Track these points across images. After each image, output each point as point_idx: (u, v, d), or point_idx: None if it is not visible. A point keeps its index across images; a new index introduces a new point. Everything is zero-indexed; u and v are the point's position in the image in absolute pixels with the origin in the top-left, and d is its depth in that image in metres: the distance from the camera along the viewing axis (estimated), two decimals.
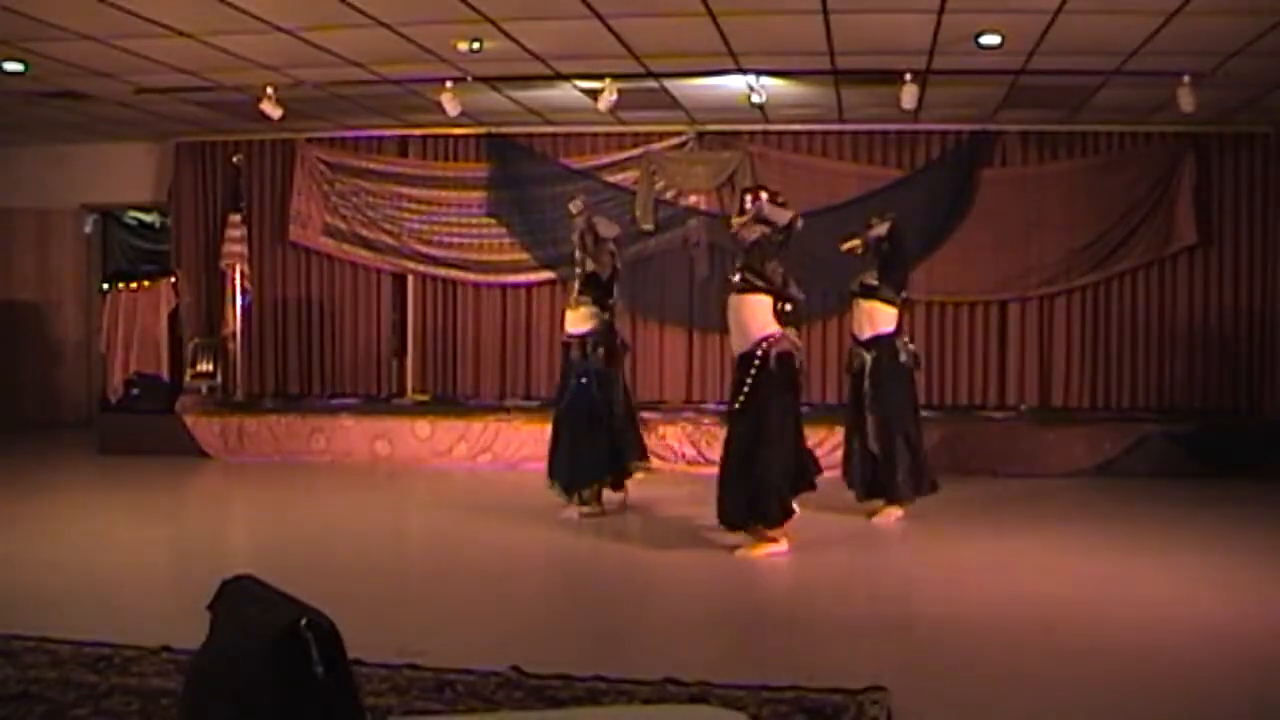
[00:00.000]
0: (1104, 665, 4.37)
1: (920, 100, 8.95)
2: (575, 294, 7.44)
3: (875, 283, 7.28)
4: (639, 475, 7.57)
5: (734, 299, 6.38)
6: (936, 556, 6.53)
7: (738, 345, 6.37)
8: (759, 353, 6.21)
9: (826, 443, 8.61)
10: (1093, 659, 4.44)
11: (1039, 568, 6.19)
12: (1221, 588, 5.72)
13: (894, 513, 7.30)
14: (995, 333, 10.78)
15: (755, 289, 6.29)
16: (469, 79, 8.93)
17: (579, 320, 7.34)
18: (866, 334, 7.31)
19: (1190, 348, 10.52)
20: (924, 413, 10.25)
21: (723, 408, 10.58)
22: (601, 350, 7.29)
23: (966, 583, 5.86)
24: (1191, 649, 4.64)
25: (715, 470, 9.16)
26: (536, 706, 3.74)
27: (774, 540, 6.31)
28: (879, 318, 7.28)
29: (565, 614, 5.38)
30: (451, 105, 9.25)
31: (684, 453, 9.63)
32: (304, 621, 1.80)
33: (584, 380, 7.25)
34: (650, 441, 9.59)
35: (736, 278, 6.36)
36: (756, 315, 6.29)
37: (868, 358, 7.25)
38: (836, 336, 10.49)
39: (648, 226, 10.82)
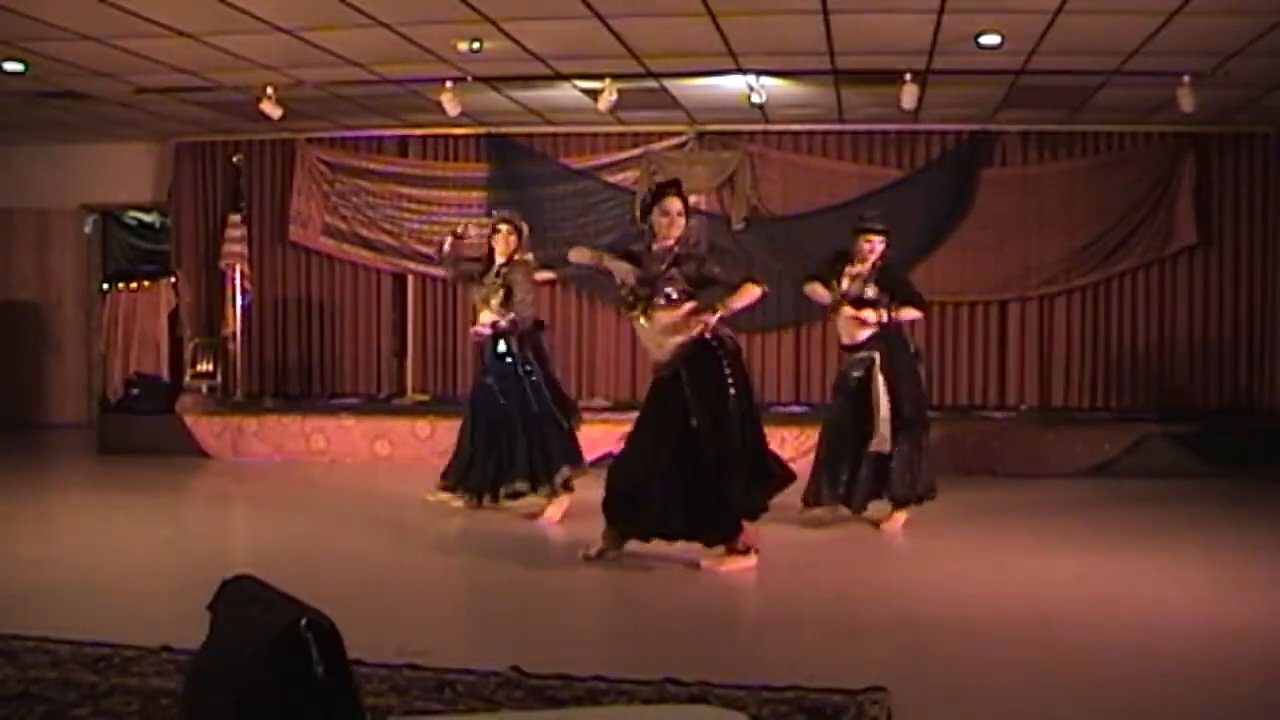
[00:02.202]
0: (1104, 665, 4.37)
1: (920, 100, 8.95)
2: (494, 290, 7.19)
3: (874, 297, 6.96)
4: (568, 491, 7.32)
5: (669, 314, 5.74)
6: (936, 556, 6.52)
7: (671, 349, 5.76)
8: (707, 336, 5.70)
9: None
10: (1092, 659, 4.44)
11: (1039, 567, 6.19)
12: (1222, 587, 5.72)
13: (900, 518, 7.11)
14: (995, 333, 10.79)
15: (692, 298, 5.78)
16: (469, 79, 8.93)
17: (489, 316, 7.21)
18: (862, 336, 7.01)
19: (1190, 348, 10.52)
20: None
21: None
22: (529, 346, 7.24)
23: (966, 582, 5.85)
24: (1192, 649, 4.63)
25: None
26: (536, 706, 3.74)
27: (747, 551, 5.96)
28: (872, 318, 6.99)
29: (565, 614, 5.38)
30: (451, 105, 9.26)
31: None
32: (304, 621, 1.81)
33: (513, 381, 7.17)
34: None
35: (674, 292, 5.73)
36: (685, 319, 5.78)
37: (875, 357, 6.93)
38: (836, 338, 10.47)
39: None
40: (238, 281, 11.32)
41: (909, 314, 7.14)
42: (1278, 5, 6.71)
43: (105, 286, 12.64)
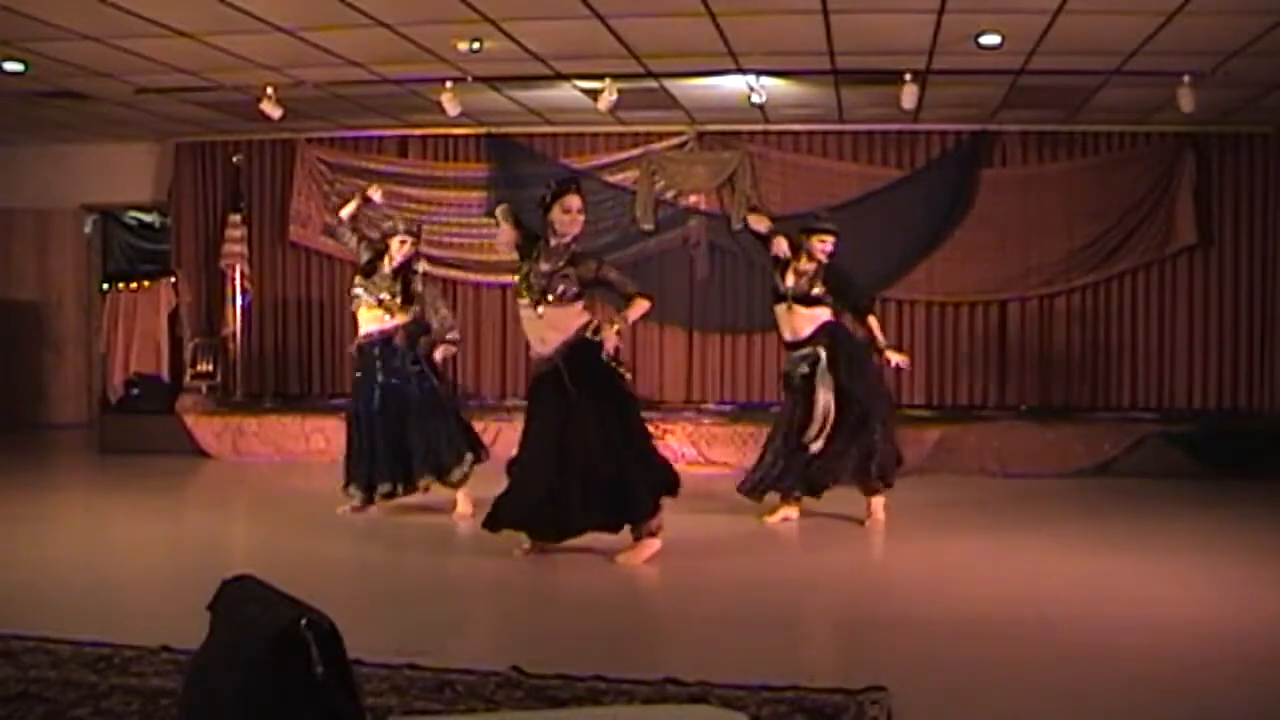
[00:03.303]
0: (1104, 665, 4.37)
1: (920, 100, 8.95)
2: (390, 292, 7.31)
3: (820, 293, 6.98)
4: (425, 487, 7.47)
5: (560, 309, 5.87)
6: (936, 556, 6.52)
7: (554, 344, 5.89)
8: (589, 335, 5.85)
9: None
10: (1093, 659, 4.44)
11: (1039, 568, 6.19)
12: (1221, 587, 5.72)
13: (879, 505, 7.15)
14: (995, 333, 10.78)
15: (580, 298, 5.95)
16: (469, 79, 8.93)
17: (385, 317, 7.32)
18: (807, 331, 7.00)
19: (1190, 348, 10.52)
20: (924, 413, 10.35)
21: (725, 407, 10.68)
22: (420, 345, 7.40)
23: (966, 582, 5.85)
24: (1191, 649, 4.64)
25: (714, 470, 9.29)
26: (536, 706, 3.74)
27: (654, 535, 6.08)
28: (819, 314, 7.02)
29: (565, 614, 5.38)
30: (451, 105, 9.26)
31: (684, 453, 9.62)
32: (304, 621, 1.81)
33: (408, 378, 7.28)
34: None
35: (567, 291, 5.84)
36: (578, 310, 5.95)
37: (820, 352, 6.93)
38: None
39: (648, 226, 10.83)
40: (238, 281, 11.33)
41: (875, 324, 7.24)
42: (1278, 5, 6.71)
43: (105, 286, 12.63)
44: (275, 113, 9.43)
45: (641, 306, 6.03)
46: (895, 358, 7.24)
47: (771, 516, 7.22)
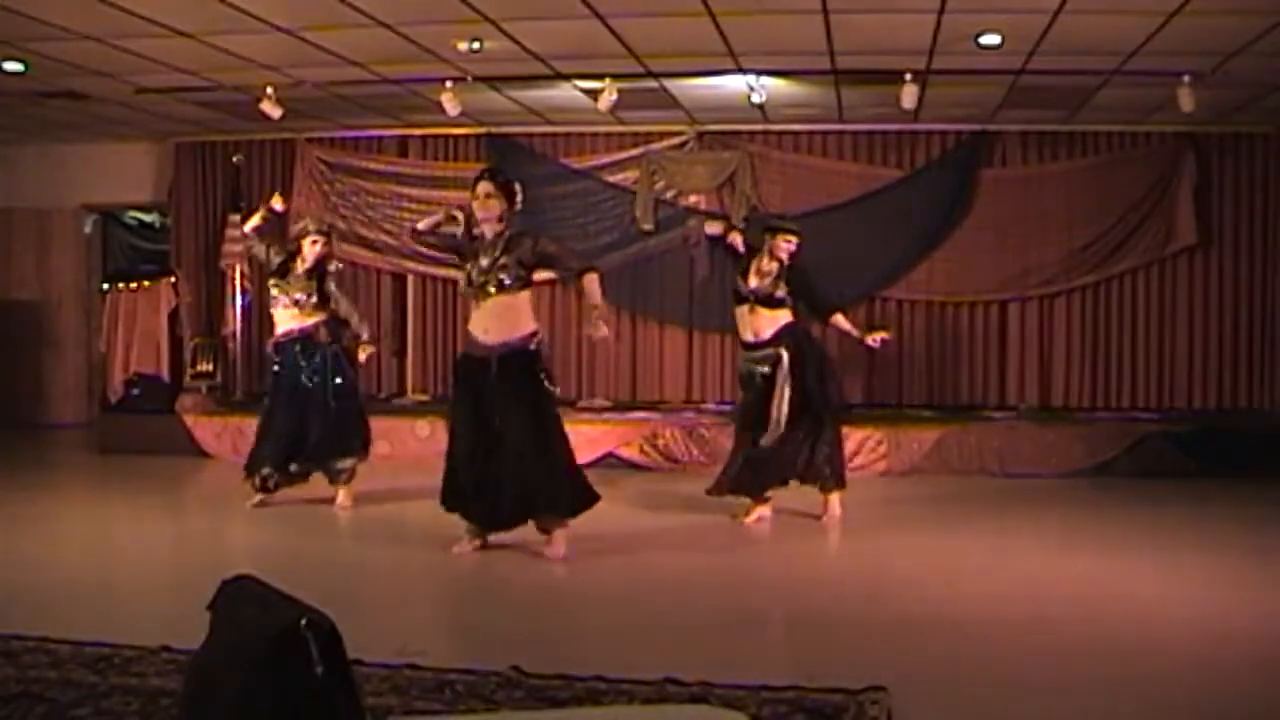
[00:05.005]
0: (1104, 665, 4.37)
1: (920, 100, 8.95)
2: (306, 291, 7.54)
3: (783, 295, 6.96)
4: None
5: (505, 298, 5.95)
6: (935, 556, 6.53)
7: (496, 338, 5.94)
8: (532, 347, 5.97)
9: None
10: (1092, 659, 4.45)
11: (1038, 567, 6.19)
12: (1221, 587, 5.72)
13: (836, 502, 7.17)
14: (995, 333, 10.78)
15: (529, 285, 6.03)
16: (469, 79, 8.93)
17: (303, 316, 7.58)
18: (768, 333, 6.96)
19: (1190, 348, 10.52)
20: (925, 413, 10.36)
21: (725, 407, 10.66)
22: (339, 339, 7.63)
23: (966, 582, 5.86)
24: (1191, 649, 4.64)
25: (713, 469, 9.29)
26: (536, 706, 3.74)
27: (564, 526, 6.15)
28: (781, 316, 7.00)
29: (564, 613, 5.38)
30: (451, 105, 9.26)
31: (683, 452, 9.62)
32: (304, 621, 1.81)
33: (326, 375, 7.52)
34: (649, 442, 9.61)
35: (508, 278, 5.91)
36: (527, 309, 6.07)
37: (782, 353, 6.89)
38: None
39: (648, 226, 10.83)
40: (238, 281, 11.33)
41: (843, 320, 7.30)
42: (1278, 5, 6.71)
43: (105, 286, 12.63)
44: (275, 113, 9.43)
45: (595, 280, 6.07)
46: (876, 336, 7.33)
47: (747, 517, 7.21)
